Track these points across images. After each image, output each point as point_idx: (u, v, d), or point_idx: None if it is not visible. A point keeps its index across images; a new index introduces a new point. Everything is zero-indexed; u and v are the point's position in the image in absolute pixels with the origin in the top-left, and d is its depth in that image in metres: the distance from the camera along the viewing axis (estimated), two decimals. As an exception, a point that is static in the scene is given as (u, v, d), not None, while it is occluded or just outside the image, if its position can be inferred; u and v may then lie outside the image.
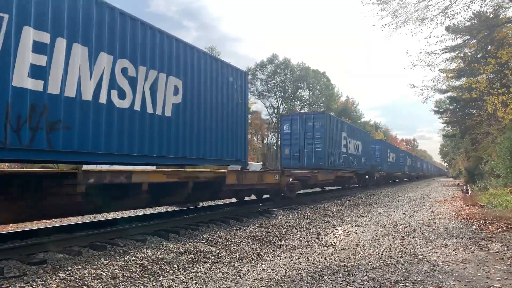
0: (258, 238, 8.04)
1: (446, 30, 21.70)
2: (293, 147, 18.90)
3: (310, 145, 18.47)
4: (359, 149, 24.41)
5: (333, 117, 21.06)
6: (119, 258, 5.78)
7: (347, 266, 5.89)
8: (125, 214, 11.03)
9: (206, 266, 5.83)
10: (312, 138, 18.41)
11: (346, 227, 10.09)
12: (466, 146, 40.36)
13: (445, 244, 7.63)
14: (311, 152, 18.40)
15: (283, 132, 19.50)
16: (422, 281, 5.03)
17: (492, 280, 5.12)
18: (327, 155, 18.36)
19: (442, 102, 43.91)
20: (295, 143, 18.82)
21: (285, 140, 19.43)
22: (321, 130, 18.22)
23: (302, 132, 18.64)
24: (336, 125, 20.11)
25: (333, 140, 19.29)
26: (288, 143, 19.12)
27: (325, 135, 18.29)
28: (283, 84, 64.14)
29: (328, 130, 18.56)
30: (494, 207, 12.87)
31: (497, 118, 21.50)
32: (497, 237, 8.30)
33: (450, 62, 22.03)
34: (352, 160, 22.69)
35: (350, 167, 22.17)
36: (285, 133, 19.32)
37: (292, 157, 18.87)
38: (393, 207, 15.40)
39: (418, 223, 10.56)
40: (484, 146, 30.74)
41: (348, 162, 21.88)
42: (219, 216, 10.04)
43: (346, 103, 76.61)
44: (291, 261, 6.28)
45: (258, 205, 12.68)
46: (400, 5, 15.36)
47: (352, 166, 22.71)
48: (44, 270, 4.97)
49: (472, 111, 35.07)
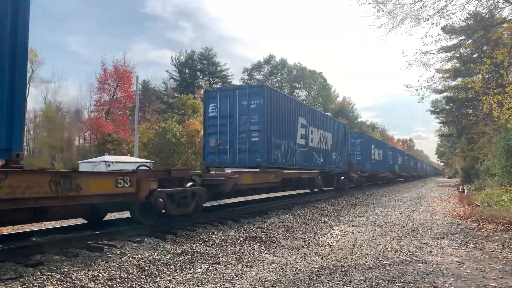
0: (255, 239, 8.04)
1: (442, 31, 21.80)
2: (222, 137, 13.31)
3: (243, 134, 12.93)
4: (328, 142, 19.07)
5: (281, 93, 14.50)
6: (116, 259, 5.77)
7: (344, 266, 5.91)
8: (122, 215, 11.00)
9: (203, 267, 5.83)
10: (247, 123, 12.85)
11: (343, 227, 10.12)
12: (462, 146, 40.53)
13: (442, 244, 7.66)
14: (245, 143, 12.90)
15: (207, 114, 13.77)
16: (418, 281, 5.06)
17: (488, 279, 5.15)
18: (269, 147, 12.89)
19: (438, 102, 44.05)
20: (224, 131, 13.26)
21: (210, 126, 13.68)
22: (260, 111, 12.67)
23: (234, 115, 13.10)
24: (287, 105, 14.43)
25: (281, 127, 13.76)
26: (214, 131, 13.48)
27: (266, 118, 12.66)
28: (279, 84, 64.24)
29: (271, 111, 13.02)
30: (490, 207, 12.93)
31: (493, 118, 21.60)
32: (493, 237, 8.34)
33: (445, 62, 22.13)
34: (316, 157, 17.35)
35: (312, 165, 16.78)
36: (210, 116, 13.67)
37: (219, 150, 13.33)
38: (390, 207, 15.45)
39: (414, 223, 10.60)
40: (480, 146, 30.90)
41: (309, 158, 16.46)
42: (217, 216, 10.04)
43: (342, 104, 76.83)
44: (288, 262, 6.30)
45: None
46: (395, 5, 15.41)
47: (316, 164, 17.34)
48: (40, 271, 4.95)
49: (468, 111, 35.24)
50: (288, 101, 14.69)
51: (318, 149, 17.62)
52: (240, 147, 12.99)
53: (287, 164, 14.29)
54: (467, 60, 21.81)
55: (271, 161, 12.94)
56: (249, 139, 12.82)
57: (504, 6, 17.01)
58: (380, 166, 32.90)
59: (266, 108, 12.69)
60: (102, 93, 43.87)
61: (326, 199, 17.43)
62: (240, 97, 13.09)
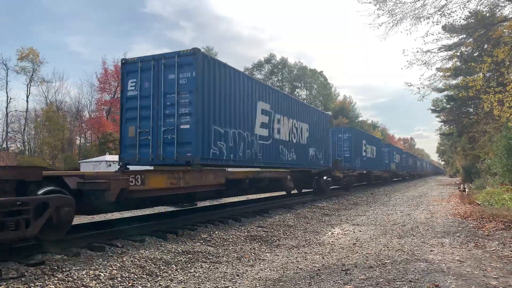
0: (256, 238, 8.05)
1: (443, 29, 21.76)
2: (143, 123, 9.68)
3: (170, 119, 9.37)
4: (303, 135, 15.72)
5: (228, 66, 10.67)
6: (117, 258, 5.78)
7: (345, 265, 5.92)
8: (123, 214, 11.02)
9: (204, 266, 5.84)
10: (175, 104, 9.31)
11: (344, 226, 10.12)
12: (463, 145, 40.48)
13: (442, 243, 7.66)
14: (173, 132, 9.32)
15: (125, 94, 10.05)
16: (419, 280, 5.06)
17: (489, 278, 5.15)
18: (207, 138, 9.52)
19: (439, 101, 43.98)
20: (146, 116, 9.66)
21: (129, 110, 9.97)
22: (192, 87, 9.19)
23: (159, 93, 9.56)
24: (239, 84, 10.93)
25: (228, 112, 10.37)
26: (134, 116, 9.82)
27: (201, 98, 9.27)
28: (280, 83, 64.21)
29: (210, 89, 9.65)
30: (491, 206, 12.92)
31: (494, 116, 21.58)
32: (494, 235, 8.34)
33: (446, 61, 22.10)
34: (286, 152, 13.92)
35: (278, 162, 13.41)
36: (129, 96, 9.97)
37: (140, 142, 9.69)
38: (391, 206, 15.45)
39: (415, 222, 10.60)
40: (481, 144, 30.87)
41: (274, 154, 13.03)
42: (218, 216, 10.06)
43: (343, 103, 76.78)
44: (289, 261, 6.30)
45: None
46: (396, 4, 15.40)
47: (285, 161, 13.90)
48: (42, 271, 4.96)
49: (469, 110, 35.21)
50: (241, 78, 11.10)
51: (288, 142, 14.12)
52: (166, 138, 9.32)
53: (238, 160, 10.83)
54: (468, 58, 21.77)
55: (209, 156, 9.51)
56: (177, 127, 9.19)
57: (505, 4, 17.02)
58: (373, 165, 29.74)
59: (201, 84, 9.17)
60: (103, 93, 43.97)
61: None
62: (167, 69, 9.42)
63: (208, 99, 9.56)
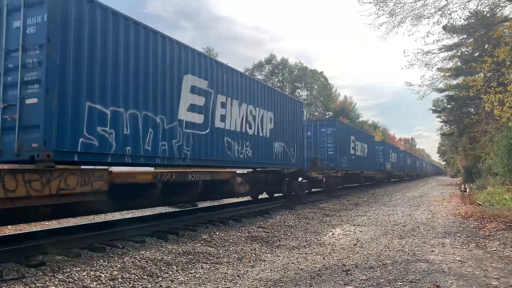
0: (257, 239, 8.05)
1: (443, 29, 21.75)
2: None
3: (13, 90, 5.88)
4: (266, 126, 12.46)
5: (111, 10, 6.83)
6: (118, 259, 5.78)
7: (346, 266, 5.91)
8: (123, 215, 11.03)
9: (205, 267, 5.84)
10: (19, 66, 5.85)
11: (345, 226, 10.12)
12: (464, 145, 40.47)
13: (443, 243, 7.66)
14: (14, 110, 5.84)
15: None
16: (420, 280, 5.06)
17: (490, 278, 5.15)
18: (72, 118, 6.10)
19: (440, 101, 44.00)
20: None
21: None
22: (42, 38, 5.74)
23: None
24: (141, 41, 7.45)
25: (117, 81, 6.91)
26: None
27: (56, 56, 5.85)
28: (281, 84, 64.19)
29: (80, 43, 6.25)
30: (492, 206, 12.91)
31: (495, 116, 21.56)
32: (494, 236, 8.34)
33: (447, 61, 22.11)
34: (235, 146, 10.66)
35: (224, 160, 10.13)
36: None
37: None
38: (391, 206, 15.44)
39: (416, 222, 10.59)
40: (482, 144, 30.86)
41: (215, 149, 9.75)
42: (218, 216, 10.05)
43: (344, 103, 76.71)
44: (289, 261, 6.30)
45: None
46: (396, 4, 15.41)
47: (233, 158, 10.52)
48: (43, 272, 4.97)
49: (470, 110, 35.17)
50: (150, 38, 7.66)
51: (240, 133, 10.94)
52: (5, 119, 5.88)
53: (144, 157, 7.46)
54: (468, 58, 21.75)
55: (77, 149, 6.18)
56: (21, 102, 5.82)
57: (505, 4, 17.01)
58: (363, 164, 26.15)
59: (59, 34, 5.91)
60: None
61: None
62: (11, 14, 6.01)
63: (78, 60, 6.21)
